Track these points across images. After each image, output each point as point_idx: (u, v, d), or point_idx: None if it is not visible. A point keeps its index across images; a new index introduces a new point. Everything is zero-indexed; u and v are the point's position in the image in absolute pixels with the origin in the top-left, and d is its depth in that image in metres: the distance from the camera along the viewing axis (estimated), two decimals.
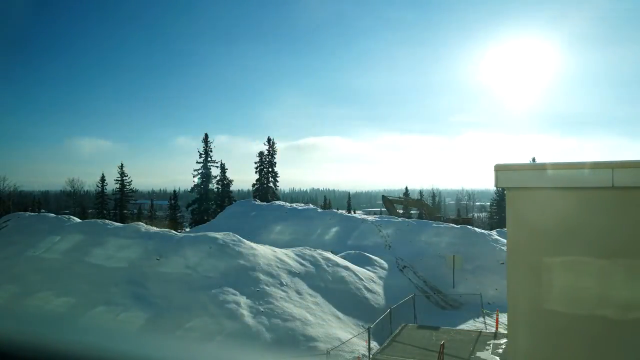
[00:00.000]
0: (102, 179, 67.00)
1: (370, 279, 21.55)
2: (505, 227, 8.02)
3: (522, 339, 6.38)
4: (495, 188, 32.97)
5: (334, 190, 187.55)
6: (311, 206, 42.43)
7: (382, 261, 24.95)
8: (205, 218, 59.26)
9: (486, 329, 18.97)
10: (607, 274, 5.92)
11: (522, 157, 75.54)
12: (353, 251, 25.83)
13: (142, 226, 21.86)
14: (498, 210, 70.49)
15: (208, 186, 64.32)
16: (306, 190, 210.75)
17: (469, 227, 32.90)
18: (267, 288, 17.19)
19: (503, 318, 18.65)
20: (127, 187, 67.26)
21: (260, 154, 65.98)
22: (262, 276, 17.88)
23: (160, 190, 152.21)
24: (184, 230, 56.13)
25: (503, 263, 25.11)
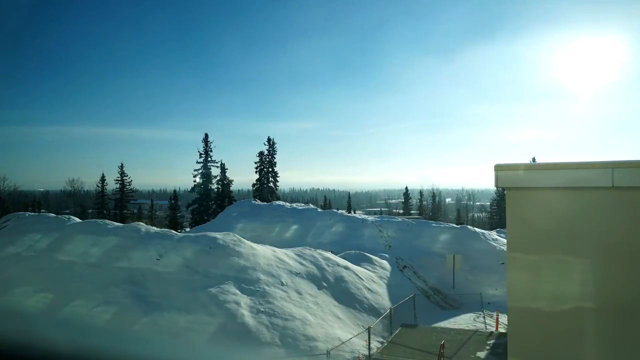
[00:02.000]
0: (102, 179, 67.06)
1: (370, 279, 21.54)
2: (505, 227, 8.03)
3: (522, 337, 6.38)
4: (495, 188, 33.00)
5: (334, 190, 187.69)
6: (311, 206, 42.42)
7: (382, 261, 24.95)
8: (205, 218, 59.27)
9: (486, 329, 18.97)
10: (607, 273, 5.92)
11: (524, 158, 75.36)
12: (353, 251, 25.83)
13: (142, 226, 21.86)
14: (498, 210, 70.46)
15: (208, 186, 64.35)
16: (306, 190, 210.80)
17: (469, 227, 32.92)
18: (267, 288, 17.19)
19: (503, 318, 18.65)
20: (127, 187, 67.32)
21: (261, 154, 66.01)
22: (262, 276, 17.88)
23: (160, 190, 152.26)
24: (184, 230, 56.16)
25: (503, 263, 25.10)
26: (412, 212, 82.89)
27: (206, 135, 64.52)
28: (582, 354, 6.06)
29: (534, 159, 57.56)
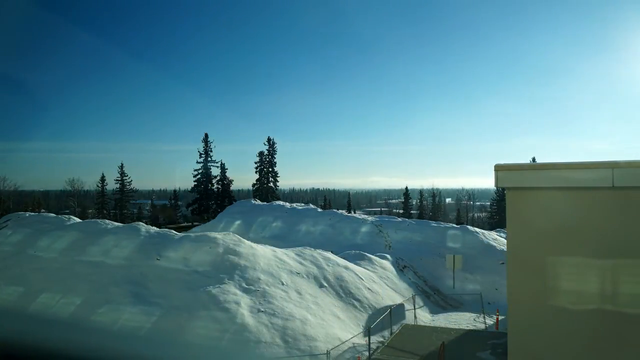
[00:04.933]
0: (102, 179, 67.16)
1: (370, 279, 21.54)
2: (505, 227, 8.04)
3: (522, 337, 6.38)
4: (495, 188, 33.07)
5: (334, 190, 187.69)
6: (311, 206, 42.47)
7: (382, 261, 24.95)
8: (206, 218, 59.35)
9: (486, 329, 18.97)
10: (606, 272, 5.93)
11: (524, 158, 75.46)
12: (353, 251, 25.84)
13: (142, 226, 21.85)
14: (498, 210, 70.50)
15: (208, 186, 64.41)
16: (306, 190, 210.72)
17: (469, 227, 32.95)
18: (267, 288, 17.19)
19: (503, 318, 18.64)
20: (127, 187, 67.39)
21: (261, 154, 66.08)
22: (262, 276, 17.88)
23: (160, 190, 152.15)
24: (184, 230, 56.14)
25: (503, 263, 25.11)
26: (412, 212, 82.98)
27: (206, 135, 64.63)
28: (582, 353, 6.07)
29: (534, 159, 57.59)
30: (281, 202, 42.40)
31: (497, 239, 30.47)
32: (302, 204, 45.01)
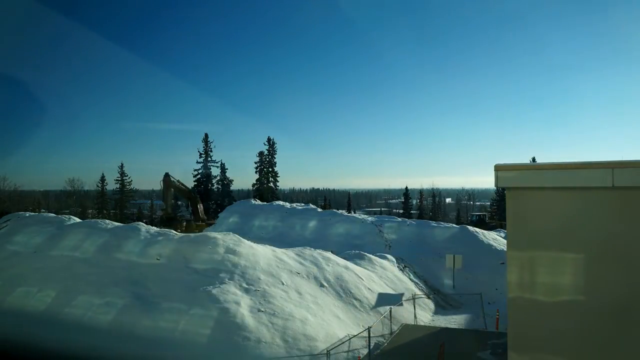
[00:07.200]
0: (102, 179, 67.17)
1: (370, 279, 21.54)
2: (505, 227, 8.05)
3: (522, 337, 6.39)
4: (495, 188, 33.09)
5: (334, 190, 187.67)
6: (311, 206, 42.46)
7: (382, 261, 24.96)
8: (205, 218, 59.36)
9: (486, 328, 18.98)
10: (606, 272, 5.93)
11: (524, 157, 75.40)
12: (353, 251, 25.85)
13: (142, 226, 21.85)
14: (498, 210, 70.48)
15: (208, 186, 64.44)
16: (306, 190, 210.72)
17: (469, 227, 32.95)
18: (267, 288, 17.19)
19: (503, 318, 18.64)
20: (127, 186, 67.40)
21: (261, 154, 66.10)
22: (262, 276, 17.87)
23: (160, 190, 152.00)
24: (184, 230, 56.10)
25: (503, 263, 25.10)
26: (412, 212, 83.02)
27: (206, 135, 64.67)
28: (582, 353, 6.07)
29: (534, 159, 57.61)
30: (281, 202, 42.42)
31: (497, 239, 30.47)
32: (302, 204, 44.99)
